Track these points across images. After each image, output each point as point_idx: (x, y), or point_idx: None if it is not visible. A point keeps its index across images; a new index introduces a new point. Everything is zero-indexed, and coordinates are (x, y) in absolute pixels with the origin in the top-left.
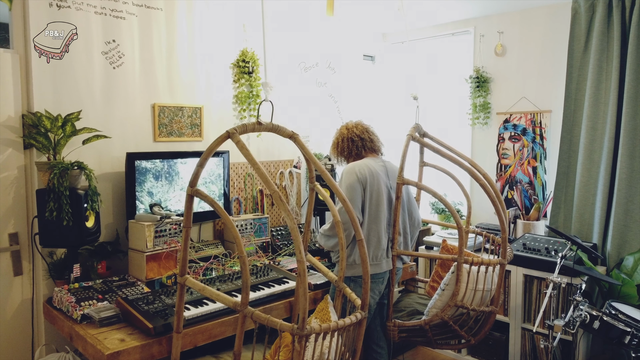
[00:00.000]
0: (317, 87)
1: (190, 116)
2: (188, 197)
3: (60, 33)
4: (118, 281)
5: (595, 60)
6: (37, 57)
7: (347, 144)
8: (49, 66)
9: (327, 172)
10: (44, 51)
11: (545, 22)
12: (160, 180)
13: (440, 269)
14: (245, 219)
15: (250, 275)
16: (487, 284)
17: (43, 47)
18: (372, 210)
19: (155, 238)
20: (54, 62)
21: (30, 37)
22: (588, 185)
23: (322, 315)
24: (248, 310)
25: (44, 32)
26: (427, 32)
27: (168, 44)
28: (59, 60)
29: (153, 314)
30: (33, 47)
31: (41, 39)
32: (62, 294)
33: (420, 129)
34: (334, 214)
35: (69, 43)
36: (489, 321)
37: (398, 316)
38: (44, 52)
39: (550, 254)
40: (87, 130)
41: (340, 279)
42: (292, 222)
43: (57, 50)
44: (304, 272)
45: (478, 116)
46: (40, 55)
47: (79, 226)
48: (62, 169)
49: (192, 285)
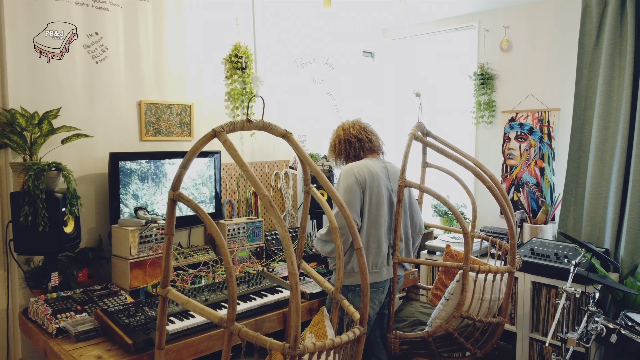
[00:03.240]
0: (314, 84)
1: (180, 114)
2: (170, 202)
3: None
4: (100, 290)
5: (608, 56)
6: (11, 51)
7: (344, 146)
8: (25, 60)
9: (323, 173)
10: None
11: (553, 15)
12: (146, 182)
13: (443, 276)
14: (238, 223)
15: (241, 283)
16: (495, 293)
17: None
18: (371, 215)
19: (140, 244)
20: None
21: (4, 29)
22: (599, 187)
23: (317, 329)
24: (235, 327)
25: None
26: (429, 27)
27: (155, 38)
28: (37, 53)
29: (134, 327)
30: (7, 39)
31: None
32: (38, 305)
33: (423, 127)
34: (330, 220)
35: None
36: (497, 333)
37: (399, 327)
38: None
39: (560, 260)
40: (66, 129)
41: (338, 290)
42: (283, 230)
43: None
44: (297, 285)
45: (482, 115)
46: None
47: (57, 232)
48: (38, 170)
49: (175, 298)
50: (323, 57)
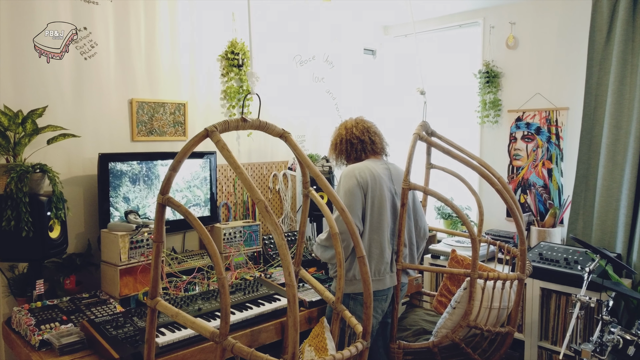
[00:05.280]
0: (313, 83)
1: (173, 113)
2: (158, 206)
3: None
4: (88, 298)
5: (619, 52)
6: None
7: (345, 146)
8: (9, 57)
9: (323, 175)
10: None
11: (562, 11)
12: (137, 185)
13: (448, 282)
14: (234, 227)
15: (237, 291)
16: (504, 302)
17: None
18: (373, 219)
19: (130, 249)
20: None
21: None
22: (611, 189)
23: (317, 342)
24: (228, 342)
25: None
26: (432, 24)
27: (148, 33)
28: (23, 50)
29: (122, 340)
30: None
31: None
32: (21, 314)
33: (427, 127)
34: (330, 225)
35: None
36: (505, 343)
37: (403, 336)
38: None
39: (570, 265)
40: (51, 129)
41: (339, 300)
42: (280, 238)
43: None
44: (294, 298)
45: (488, 114)
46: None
47: (41, 237)
48: (21, 172)
49: (164, 310)
50: (323, 55)
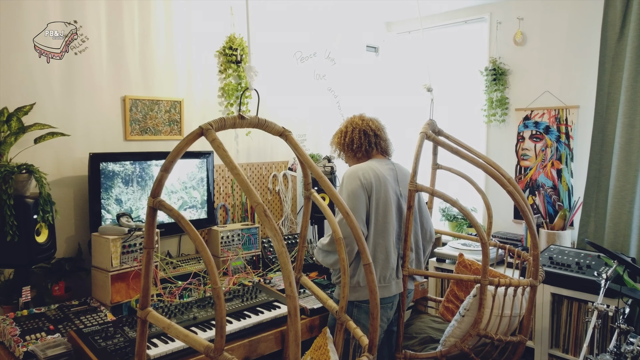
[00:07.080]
0: (314, 80)
1: (169, 111)
2: (149, 210)
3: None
4: (77, 306)
5: (633, 49)
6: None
7: (359, 135)
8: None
9: (326, 176)
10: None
11: (572, 6)
12: (130, 186)
13: (456, 288)
14: (232, 230)
15: (235, 298)
16: (515, 309)
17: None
18: (378, 223)
19: (122, 254)
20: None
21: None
22: (624, 190)
23: (319, 354)
24: (223, 357)
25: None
26: (436, 20)
27: (142, 27)
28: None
29: (110, 352)
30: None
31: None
32: (6, 324)
33: (434, 125)
34: (333, 229)
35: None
36: (517, 352)
37: (409, 344)
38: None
39: (582, 270)
40: (38, 127)
41: (342, 310)
42: (280, 245)
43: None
44: (296, 311)
45: (494, 112)
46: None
47: (27, 241)
48: (6, 173)
49: (156, 322)
50: (324, 51)
